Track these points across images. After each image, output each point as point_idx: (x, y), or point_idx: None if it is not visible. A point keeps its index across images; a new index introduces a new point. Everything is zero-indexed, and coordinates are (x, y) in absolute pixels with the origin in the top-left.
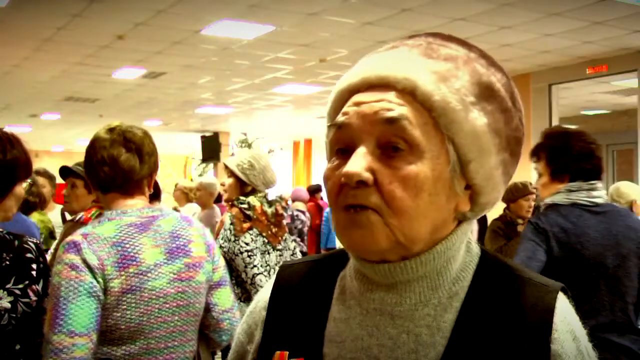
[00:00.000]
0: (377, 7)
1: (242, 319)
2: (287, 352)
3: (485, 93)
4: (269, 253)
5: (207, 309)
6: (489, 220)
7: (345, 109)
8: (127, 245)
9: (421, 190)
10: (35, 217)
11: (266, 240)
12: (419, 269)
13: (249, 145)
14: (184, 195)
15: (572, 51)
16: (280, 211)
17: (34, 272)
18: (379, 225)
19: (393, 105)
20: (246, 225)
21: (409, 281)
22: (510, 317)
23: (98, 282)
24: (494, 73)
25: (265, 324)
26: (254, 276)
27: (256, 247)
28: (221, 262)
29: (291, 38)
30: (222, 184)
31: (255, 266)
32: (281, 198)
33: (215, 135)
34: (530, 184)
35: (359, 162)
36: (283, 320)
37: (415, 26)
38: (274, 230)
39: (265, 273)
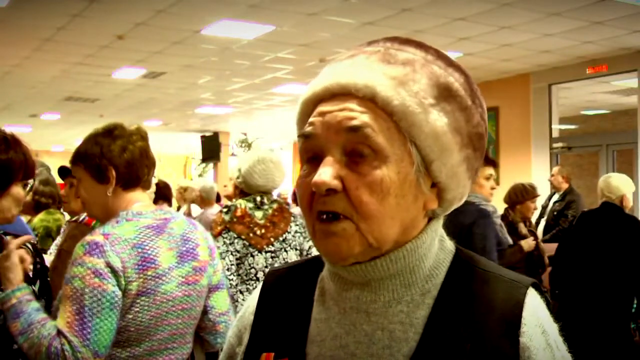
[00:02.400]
0: (377, 7)
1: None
2: (273, 354)
3: (444, 93)
4: (252, 256)
5: (204, 311)
6: None
7: (311, 119)
8: (147, 248)
9: (387, 193)
10: (37, 217)
11: (247, 243)
12: (390, 267)
13: (249, 145)
14: (180, 195)
15: (572, 51)
16: (277, 213)
17: (30, 273)
18: (352, 232)
19: (355, 114)
20: (220, 228)
21: (382, 279)
22: (480, 313)
23: (120, 285)
24: (451, 73)
25: (253, 327)
26: None
27: (228, 251)
28: (219, 266)
29: (291, 38)
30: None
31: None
32: (279, 195)
33: (215, 135)
34: (536, 186)
35: (327, 171)
36: (269, 323)
37: (415, 26)
38: (260, 232)
39: (231, 276)
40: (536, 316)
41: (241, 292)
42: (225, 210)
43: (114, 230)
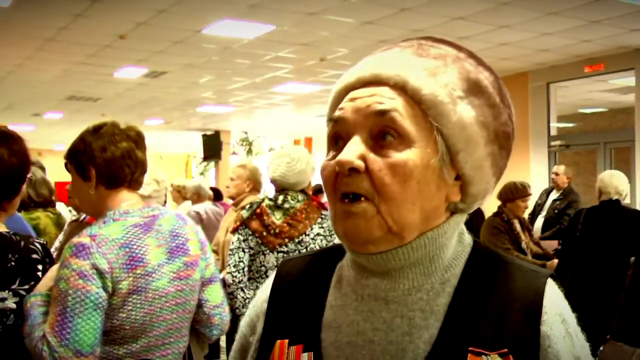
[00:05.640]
0: (377, 7)
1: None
2: (287, 340)
3: (473, 88)
4: (264, 254)
5: (199, 304)
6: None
7: (341, 104)
8: (135, 247)
9: (410, 177)
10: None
11: (260, 241)
12: (411, 255)
13: (250, 144)
14: (179, 194)
15: (570, 50)
16: (300, 213)
17: (39, 273)
18: (372, 214)
19: (384, 99)
20: (238, 223)
21: (402, 268)
22: (501, 301)
23: (106, 287)
24: (481, 71)
25: (267, 315)
26: (227, 273)
27: (239, 247)
28: (212, 259)
29: (291, 37)
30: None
31: (229, 265)
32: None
33: (217, 133)
34: (529, 185)
35: (352, 150)
36: (283, 310)
37: (414, 25)
38: (274, 231)
39: (236, 273)
40: (556, 305)
41: (243, 290)
42: (248, 206)
43: (101, 230)
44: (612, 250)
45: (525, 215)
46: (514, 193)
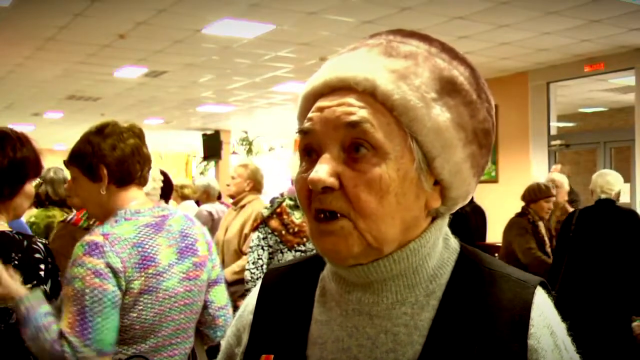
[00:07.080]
0: (377, 6)
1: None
2: (272, 356)
3: (447, 87)
4: (282, 252)
5: (204, 306)
6: (496, 214)
7: (309, 114)
8: (147, 246)
9: (387, 192)
10: (31, 213)
11: (279, 240)
12: (393, 268)
13: (250, 144)
14: (176, 193)
15: (570, 49)
16: None
17: (42, 273)
18: (350, 231)
19: (354, 109)
20: (258, 222)
21: (384, 280)
22: (487, 314)
23: (120, 285)
24: (456, 67)
25: (252, 327)
26: (245, 270)
27: (258, 245)
28: (218, 260)
29: (291, 37)
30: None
31: (248, 262)
32: (281, 195)
33: (217, 133)
34: (553, 186)
35: (324, 168)
36: (268, 323)
37: (414, 25)
38: (292, 230)
39: (254, 270)
40: (544, 317)
41: None
42: (269, 205)
43: (114, 230)
44: (605, 250)
45: None
46: (537, 194)
